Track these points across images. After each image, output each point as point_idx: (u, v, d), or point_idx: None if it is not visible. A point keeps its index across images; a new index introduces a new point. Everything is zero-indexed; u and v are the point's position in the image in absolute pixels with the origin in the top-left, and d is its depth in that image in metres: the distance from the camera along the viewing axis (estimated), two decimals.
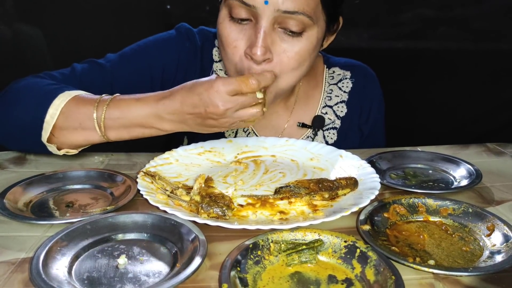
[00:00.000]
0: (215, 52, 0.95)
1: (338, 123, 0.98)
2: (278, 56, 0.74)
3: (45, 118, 0.69)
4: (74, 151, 0.74)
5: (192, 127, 0.69)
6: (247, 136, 0.96)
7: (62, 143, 0.72)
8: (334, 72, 1.00)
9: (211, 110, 0.65)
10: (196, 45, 0.94)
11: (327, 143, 0.96)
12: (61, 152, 0.73)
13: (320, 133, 0.97)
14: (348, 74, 1.00)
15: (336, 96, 0.99)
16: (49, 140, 0.71)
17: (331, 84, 1.00)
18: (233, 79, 0.65)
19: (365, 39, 1.46)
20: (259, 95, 0.67)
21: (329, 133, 0.97)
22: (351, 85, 0.99)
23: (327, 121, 0.97)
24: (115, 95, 0.72)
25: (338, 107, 0.98)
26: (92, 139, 0.72)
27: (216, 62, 0.95)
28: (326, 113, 0.98)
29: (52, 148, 0.72)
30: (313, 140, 0.96)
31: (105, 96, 0.71)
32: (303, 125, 0.96)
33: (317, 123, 0.96)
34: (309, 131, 0.97)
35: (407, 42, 1.47)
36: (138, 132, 0.71)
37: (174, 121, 0.69)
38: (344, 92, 0.99)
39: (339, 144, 0.96)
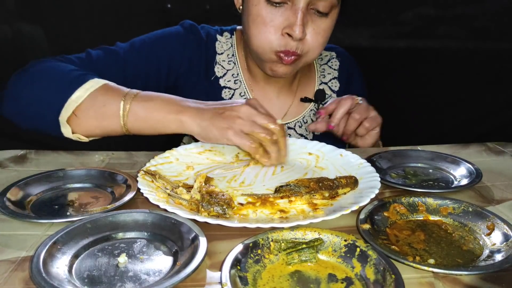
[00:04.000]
0: (217, 45, 1.03)
1: (334, 96, 1.08)
2: (310, 34, 0.86)
3: (69, 98, 0.73)
4: (85, 139, 0.78)
5: (207, 116, 0.72)
6: None
7: (79, 126, 0.75)
8: (321, 54, 1.10)
9: (236, 105, 0.73)
10: (201, 39, 1.00)
11: None
12: (74, 137, 0.76)
13: (321, 106, 1.03)
14: (334, 54, 1.12)
15: (328, 73, 1.10)
16: (67, 121, 0.74)
17: (321, 65, 1.10)
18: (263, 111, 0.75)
19: (366, 37, 1.46)
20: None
21: None
22: (338, 64, 1.11)
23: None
24: (139, 91, 0.77)
25: (332, 83, 1.09)
26: (111, 127, 0.75)
27: (218, 54, 1.01)
28: (323, 89, 1.08)
29: (66, 129, 0.75)
30: (315, 113, 1.04)
31: (133, 90, 0.77)
32: (307, 99, 1.04)
33: (320, 96, 1.05)
34: (312, 105, 1.06)
35: (407, 41, 1.46)
36: (158, 124, 0.75)
37: (194, 109, 0.74)
38: (334, 69, 1.10)
39: None
